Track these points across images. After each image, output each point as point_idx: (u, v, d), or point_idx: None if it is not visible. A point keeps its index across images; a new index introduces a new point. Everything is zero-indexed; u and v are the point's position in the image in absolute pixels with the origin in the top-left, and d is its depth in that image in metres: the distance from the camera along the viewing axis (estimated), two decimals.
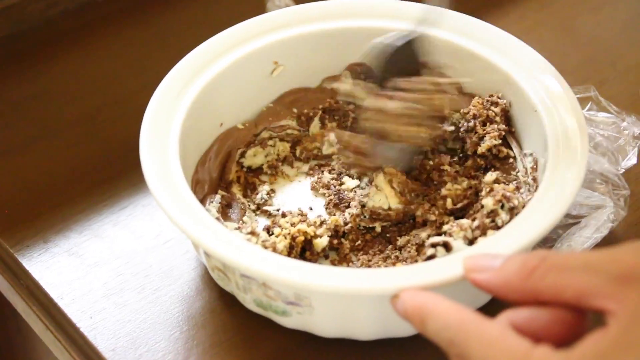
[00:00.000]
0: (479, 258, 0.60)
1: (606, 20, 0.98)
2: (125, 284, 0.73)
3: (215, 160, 0.77)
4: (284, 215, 0.75)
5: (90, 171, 0.82)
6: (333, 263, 0.73)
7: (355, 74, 0.82)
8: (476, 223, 0.69)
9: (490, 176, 0.72)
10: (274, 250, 0.68)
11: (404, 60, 0.73)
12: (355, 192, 0.77)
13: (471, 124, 0.76)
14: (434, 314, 0.57)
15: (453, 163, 0.76)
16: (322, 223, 0.74)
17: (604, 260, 0.54)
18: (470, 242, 0.68)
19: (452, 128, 0.78)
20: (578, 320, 0.55)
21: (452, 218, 0.73)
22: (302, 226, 0.72)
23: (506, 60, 0.77)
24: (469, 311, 0.56)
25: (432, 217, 0.73)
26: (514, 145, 0.76)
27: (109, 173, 0.82)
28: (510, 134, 0.76)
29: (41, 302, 0.74)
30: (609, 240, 0.73)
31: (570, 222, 0.73)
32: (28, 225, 0.77)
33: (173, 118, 0.73)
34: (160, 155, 0.70)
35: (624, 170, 0.76)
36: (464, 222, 0.69)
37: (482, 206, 0.69)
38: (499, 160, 0.76)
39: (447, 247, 0.67)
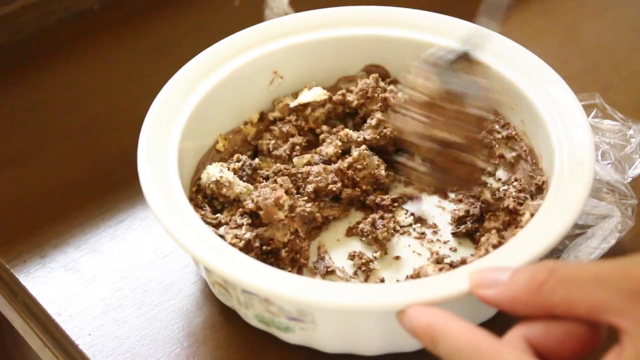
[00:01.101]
0: (486, 272, 0.58)
1: (609, 25, 0.97)
2: (124, 300, 0.72)
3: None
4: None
5: (87, 184, 0.81)
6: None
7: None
8: None
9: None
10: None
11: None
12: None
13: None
14: (445, 335, 0.55)
15: None
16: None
17: (615, 274, 0.53)
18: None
19: None
20: (593, 333, 0.54)
21: None
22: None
23: (509, 68, 0.76)
24: (481, 332, 0.55)
25: None
26: None
27: (106, 186, 0.81)
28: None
29: (39, 318, 0.73)
30: (616, 251, 0.72)
31: (577, 232, 0.72)
32: (24, 240, 0.76)
33: (172, 129, 0.72)
34: (159, 167, 0.69)
35: (631, 179, 0.75)
36: None
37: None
38: None
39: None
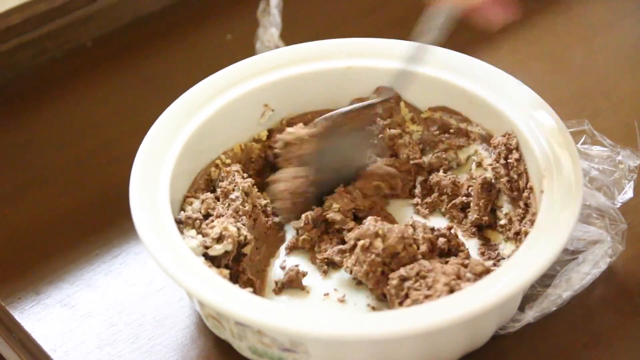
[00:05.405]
0: None
1: (598, 51, 0.97)
2: (119, 334, 0.72)
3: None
4: None
5: (81, 219, 0.81)
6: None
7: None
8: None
9: None
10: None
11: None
12: None
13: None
14: None
15: None
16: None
17: None
18: None
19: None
20: None
21: None
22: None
23: (497, 96, 0.76)
24: None
25: None
26: None
27: (100, 221, 0.81)
28: None
29: (34, 355, 0.73)
30: (607, 276, 0.72)
31: (567, 258, 0.72)
32: (19, 277, 0.76)
33: (163, 163, 0.72)
34: (151, 202, 0.69)
35: (620, 204, 0.75)
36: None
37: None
38: None
39: None
